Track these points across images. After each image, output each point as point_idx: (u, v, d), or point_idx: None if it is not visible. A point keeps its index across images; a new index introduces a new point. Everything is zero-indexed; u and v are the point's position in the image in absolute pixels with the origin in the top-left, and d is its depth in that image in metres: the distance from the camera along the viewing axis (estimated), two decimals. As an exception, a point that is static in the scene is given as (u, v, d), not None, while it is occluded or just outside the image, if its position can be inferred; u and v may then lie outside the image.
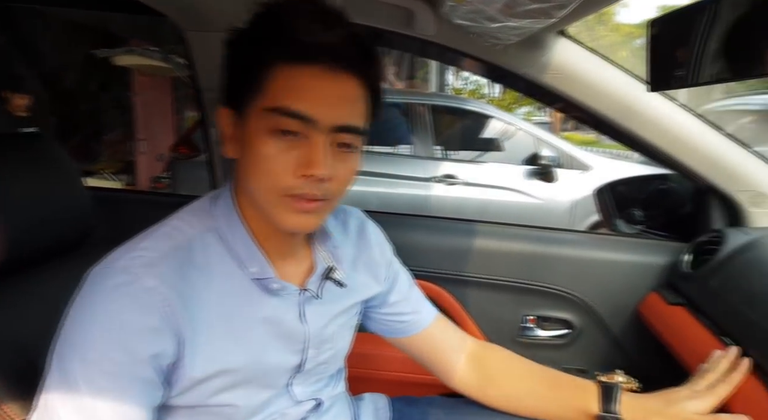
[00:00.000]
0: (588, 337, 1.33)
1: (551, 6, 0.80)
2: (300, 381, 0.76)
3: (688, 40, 0.69)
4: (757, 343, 0.84)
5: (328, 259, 0.76)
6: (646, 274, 1.28)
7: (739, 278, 1.00)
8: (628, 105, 1.14)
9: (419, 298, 0.94)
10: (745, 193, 1.16)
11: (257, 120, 0.62)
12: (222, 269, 0.67)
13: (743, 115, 4.20)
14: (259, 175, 0.63)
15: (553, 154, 4.12)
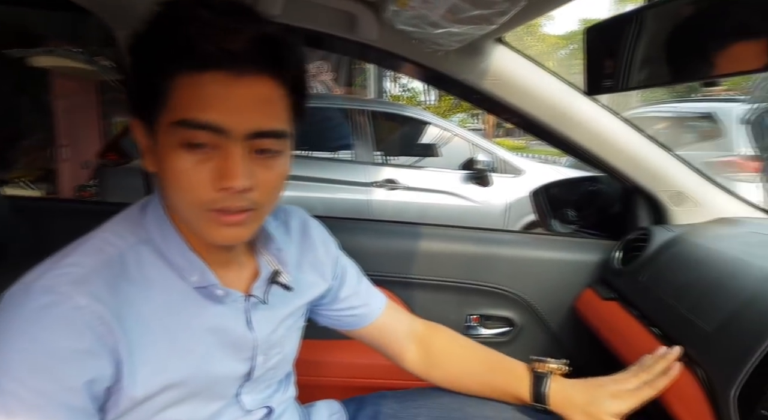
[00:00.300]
0: (528, 334, 1.38)
1: (492, 13, 0.82)
2: (249, 389, 0.74)
3: (618, 47, 0.73)
4: (684, 333, 0.90)
5: (272, 263, 0.75)
6: (580, 271, 1.34)
7: (665, 273, 1.07)
8: (562, 110, 1.20)
9: (369, 289, 0.95)
10: (667, 193, 1.25)
11: (166, 134, 0.58)
12: (160, 281, 0.64)
13: (657, 121, 4.56)
14: (177, 190, 0.59)
15: (488, 159, 4.28)
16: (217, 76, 0.56)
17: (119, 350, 0.58)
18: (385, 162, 4.41)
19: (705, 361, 0.83)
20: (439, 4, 0.86)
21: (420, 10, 0.91)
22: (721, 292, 0.89)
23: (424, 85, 20.56)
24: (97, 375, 0.56)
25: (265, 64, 0.58)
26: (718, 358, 0.80)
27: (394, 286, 1.34)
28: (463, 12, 0.84)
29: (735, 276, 0.90)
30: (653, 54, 0.72)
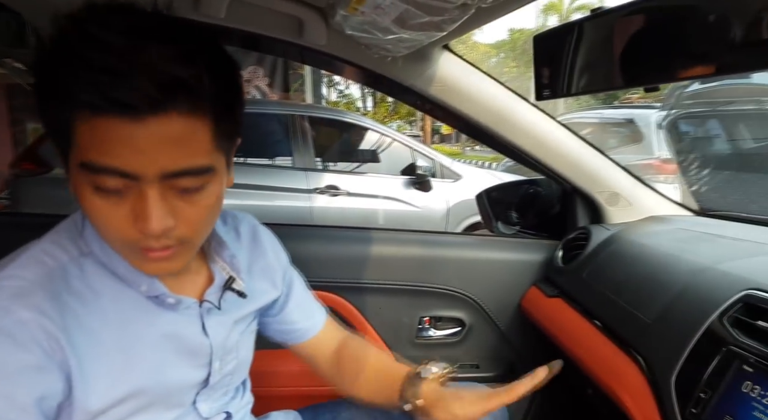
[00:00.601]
0: (478, 333, 1.41)
1: (443, 20, 0.84)
2: (205, 397, 0.73)
3: (563, 55, 0.77)
4: (626, 325, 0.96)
5: (226, 270, 0.74)
6: (525, 270, 1.39)
7: (605, 269, 1.14)
8: (505, 115, 1.24)
9: (312, 303, 0.94)
10: (603, 194, 1.32)
11: (77, 175, 0.53)
12: (108, 292, 0.62)
13: (582, 127, 4.85)
14: (100, 227, 0.56)
15: (428, 165, 4.37)
16: (114, 120, 0.49)
17: (69, 364, 0.56)
18: (325, 168, 4.39)
19: (645, 350, 0.88)
20: (390, 11, 0.87)
21: (371, 15, 0.91)
22: (656, 286, 0.95)
23: (361, 91, 20.71)
24: (47, 391, 0.54)
25: (171, 103, 0.51)
26: (658, 347, 0.86)
27: (347, 292, 1.33)
28: (414, 18, 0.86)
29: (668, 270, 0.97)
30: (596, 61, 0.77)
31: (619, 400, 0.89)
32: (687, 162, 3.83)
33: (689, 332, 0.80)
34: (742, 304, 0.76)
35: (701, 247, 1.01)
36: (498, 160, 13.99)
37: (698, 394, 0.73)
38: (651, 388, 0.83)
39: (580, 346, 1.07)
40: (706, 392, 0.73)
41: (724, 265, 0.87)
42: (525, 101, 1.25)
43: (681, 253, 0.99)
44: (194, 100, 0.52)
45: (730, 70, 0.69)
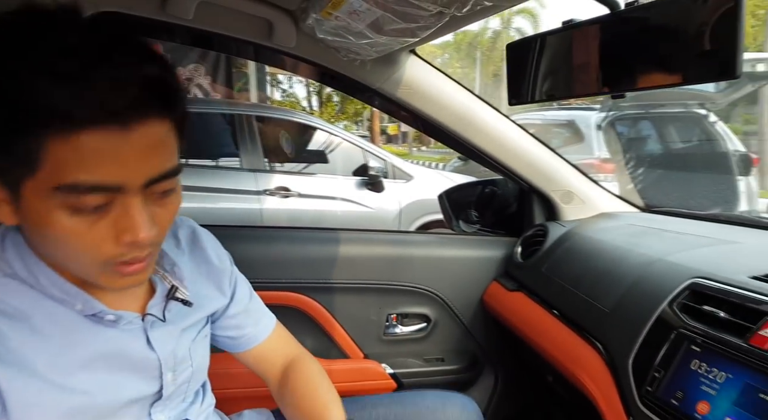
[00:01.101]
0: (443, 328, 1.46)
1: (417, 26, 0.88)
2: (161, 408, 0.70)
3: (532, 64, 0.83)
4: (585, 315, 1.03)
5: (167, 279, 0.70)
6: (486, 266, 1.46)
7: (562, 263, 1.21)
8: (467, 118, 1.30)
9: (259, 308, 0.90)
10: (558, 193, 1.41)
11: (45, 200, 0.49)
12: (39, 312, 0.58)
13: (526, 128, 5.04)
14: (70, 252, 0.53)
15: (380, 165, 4.39)
16: (101, 132, 0.48)
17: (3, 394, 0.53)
18: (274, 169, 4.32)
19: (604, 337, 0.96)
20: (366, 17, 0.89)
21: (345, 20, 0.93)
22: (611, 277, 1.03)
23: (306, 90, 20.51)
24: None
25: (151, 108, 0.51)
26: (615, 333, 0.93)
27: (315, 292, 1.34)
28: (389, 25, 0.89)
29: (621, 263, 1.05)
30: (565, 70, 0.83)
31: (580, 383, 0.96)
32: (624, 161, 4.09)
33: (643, 319, 0.87)
34: (690, 291, 0.84)
35: (649, 241, 1.10)
36: (445, 161, 14.29)
37: (653, 374, 0.81)
38: (610, 370, 0.90)
39: (542, 336, 1.14)
40: (660, 371, 0.80)
41: (671, 257, 0.96)
42: (486, 104, 1.31)
43: (632, 247, 1.08)
44: (166, 101, 0.53)
45: (680, 81, 0.77)
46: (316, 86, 20.30)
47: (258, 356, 0.88)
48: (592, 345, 0.97)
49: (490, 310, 1.42)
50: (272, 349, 0.89)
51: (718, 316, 0.77)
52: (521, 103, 0.88)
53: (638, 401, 0.81)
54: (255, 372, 0.90)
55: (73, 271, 0.58)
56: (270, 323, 0.90)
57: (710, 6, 0.70)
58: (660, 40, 0.76)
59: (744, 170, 3.95)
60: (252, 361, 0.89)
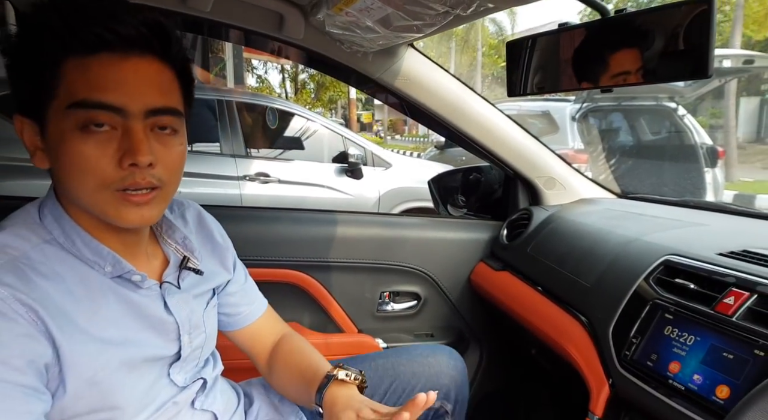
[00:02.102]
0: (432, 306, 1.55)
1: (423, 24, 0.95)
2: (178, 369, 0.78)
3: (529, 60, 0.91)
4: (569, 290, 1.13)
5: (179, 251, 0.79)
6: (474, 248, 1.55)
7: (546, 244, 1.31)
8: (459, 107, 1.38)
9: (254, 290, 0.98)
10: (541, 179, 1.51)
11: (62, 120, 0.59)
12: (74, 275, 0.65)
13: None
14: (81, 176, 0.61)
15: (359, 153, 4.44)
16: (106, 58, 0.59)
17: (52, 333, 0.60)
18: (252, 155, 4.31)
19: (587, 309, 1.06)
20: (375, 13, 0.96)
21: (354, 15, 0.99)
22: (592, 256, 1.14)
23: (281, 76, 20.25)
24: (37, 355, 0.59)
25: (150, 45, 0.62)
26: (597, 306, 1.03)
27: (313, 270, 1.41)
28: (398, 21, 0.95)
29: (601, 242, 1.16)
30: (558, 67, 0.91)
31: (565, 352, 1.06)
32: (598, 152, 4.25)
33: (622, 292, 0.98)
34: (664, 266, 0.95)
35: (627, 223, 1.20)
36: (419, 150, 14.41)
37: (630, 340, 0.91)
38: (592, 339, 1.01)
39: (528, 311, 1.24)
40: (637, 338, 0.90)
41: (647, 237, 1.06)
42: (477, 95, 1.40)
43: (612, 229, 1.18)
44: (167, 52, 0.64)
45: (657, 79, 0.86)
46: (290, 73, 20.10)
47: (250, 335, 0.96)
48: (576, 317, 1.07)
49: (477, 288, 1.52)
50: (263, 329, 0.97)
51: (689, 287, 0.87)
52: (518, 95, 0.96)
53: (617, 364, 0.91)
54: (244, 350, 0.97)
55: (87, 205, 0.64)
56: (263, 304, 0.98)
57: (684, 10, 0.79)
58: (641, 42, 0.85)
59: (711, 162, 4.16)
60: (244, 339, 0.96)
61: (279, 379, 0.94)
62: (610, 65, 0.90)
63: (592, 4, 0.86)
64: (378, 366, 1.05)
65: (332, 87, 19.67)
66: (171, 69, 0.65)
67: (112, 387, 0.66)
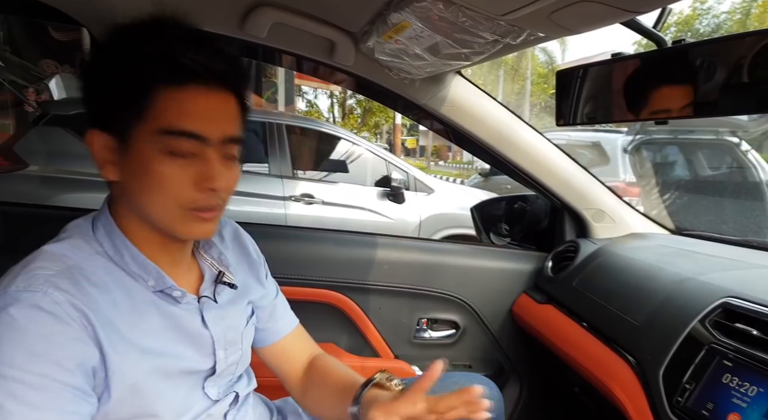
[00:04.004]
0: (471, 336, 1.52)
1: (472, 52, 0.95)
2: (213, 383, 0.79)
3: (579, 90, 0.90)
4: (616, 328, 1.08)
5: (215, 266, 0.81)
6: (516, 279, 1.51)
7: (594, 279, 1.26)
8: (506, 136, 1.36)
9: (284, 307, 0.98)
10: (590, 211, 1.46)
11: (149, 142, 0.63)
12: (120, 286, 0.68)
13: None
14: (160, 195, 0.65)
15: (402, 177, 4.47)
16: (194, 89, 0.64)
17: (100, 340, 0.63)
18: (296, 176, 4.40)
19: (635, 350, 1.01)
20: (424, 41, 0.97)
21: (404, 43, 1.01)
22: (643, 293, 1.08)
23: (330, 101, 20.78)
24: (86, 358, 0.61)
25: (230, 79, 0.68)
26: (646, 346, 0.98)
27: (351, 291, 1.41)
28: (446, 49, 0.96)
29: (653, 280, 1.10)
30: (608, 97, 0.89)
31: (610, 393, 1.01)
32: (651, 185, 4.09)
33: (675, 333, 0.92)
34: (722, 309, 0.89)
35: (681, 261, 1.14)
36: (463, 177, 14.34)
37: (684, 386, 0.86)
38: (640, 381, 0.95)
39: (572, 348, 1.19)
40: (691, 384, 0.85)
41: (703, 277, 1.00)
42: (525, 123, 1.38)
43: (664, 266, 1.13)
44: (240, 89, 0.70)
45: (718, 112, 0.83)
46: (338, 98, 20.60)
47: (279, 352, 0.96)
48: (623, 357, 1.02)
49: (519, 321, 1.47)
50: (293, 348, 0.97)
51: (751, 334, 0.82)
52: (567, 125, 0.94)
53: (669, 411, 0.85)
54: (274, 369, 0.96)
55: (157, 219, 0.68)
56: (292, 322, 0.99)
57: (749, 41, 0.76)
58: (701, 74, 0.82)
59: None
60: (273, 356, 0.96)
61: (315, 398, 0.92)
62: (666, 97, 0.87)
63: (649, 35, 0.84)
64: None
65: (378, 112, 19.97)
66: (238, 99, 0.70)
67: (151, 395, 0.68)
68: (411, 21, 0.89)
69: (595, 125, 3.83)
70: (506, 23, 0.83)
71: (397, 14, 0.89)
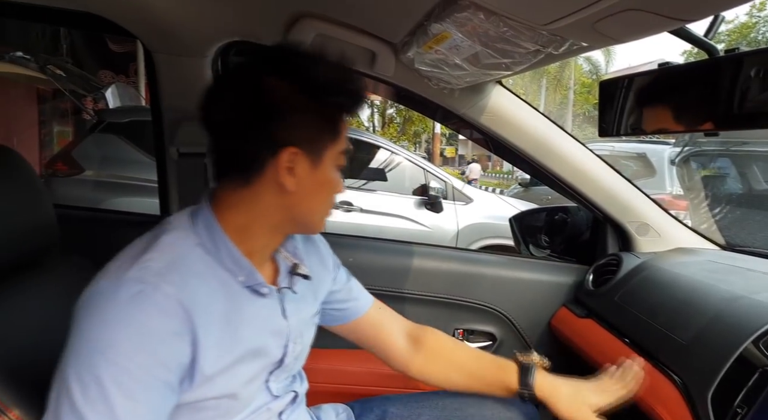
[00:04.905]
0: (508, 348, 1.49)
1: (513, 62, 0.94)
2: (275, 377, 0.82)
3: (623, 100, 0.88)
4: (661, 346, 1.04)
5: (288, 258, 0.85)
6: (555, 291, 1.48)
7: (637, 294, 1.22)
8: (548, 146, 1.34)
9: (358, 287, 1.04)
10: (634, 224, 1.42)
11: (332, 159, 0.76)
12: (215, 278, 0.72)
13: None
14: (328, 199, 0.78)
15: (440, 186, 4.45)
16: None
17: (196, 333, 0.66)
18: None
19: (682, 369, 0.96)
20: (465, 51, 0.97)
21: (444, 53, 1.01)
22: (690, 310, 1.04)
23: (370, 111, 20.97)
24: (181, 353, 0.64)
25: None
26: (694, 366, 0.94)
27: (388, 299, 1.40)
28: (487, 59, 0.96)
29: (701, 297, 1.06)
30: (654, 107, 0.87)
31: (654, 413, 0.97)
32: (700, 198, 3.92)
33: (725, 354, 0.88)
34: (777, 330, 0.85)
35: (733, 278, 1.09)
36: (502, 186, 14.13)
37: (735, 410, 0.81)
38: (686, 402, 0.91)
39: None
40: (742, 408, 0.81)
41: (758, 295, 0.96)
42: (566, 134, 1.36)
43: (714, 282, 1.08)
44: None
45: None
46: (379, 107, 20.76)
47: (370, 324, 1.03)
48: (668, 376, 0.98)
49: (558, 335, 1.44)
50: (383, 317, 1.05)
51: (807, 356, 0.77)
52: (611, 136, 0.92)
53: (718, 435, 0.82)
54: (369, 342, 1.04)
55: (312, 219, 0.79)
56: (369, 298, 1.05)
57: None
58: (756, 84, 0.79)
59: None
60: (366, 328, 1.03)
61: (443, 368, 1.04)
62: (717, 107, 0.84)
63: (700, 44, 0.81)
64: (446, 405, 1.03)
65: (418, 121, 20.00)
66: None
67: (232, 381, 0.72)
68: (451, 31, 0.89)
69: (640, 136, 3.72)
70: (548, 33, 0.82)
71: (438, 25, 0.89)
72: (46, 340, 0.81)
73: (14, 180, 0.80)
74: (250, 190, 0.74)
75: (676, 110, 0.86)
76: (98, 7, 1.13)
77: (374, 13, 1.06)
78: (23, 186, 0.81)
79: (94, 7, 1.13)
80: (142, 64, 5.96)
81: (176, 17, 1.13)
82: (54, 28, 5.27)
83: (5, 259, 0.77)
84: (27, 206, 0.81)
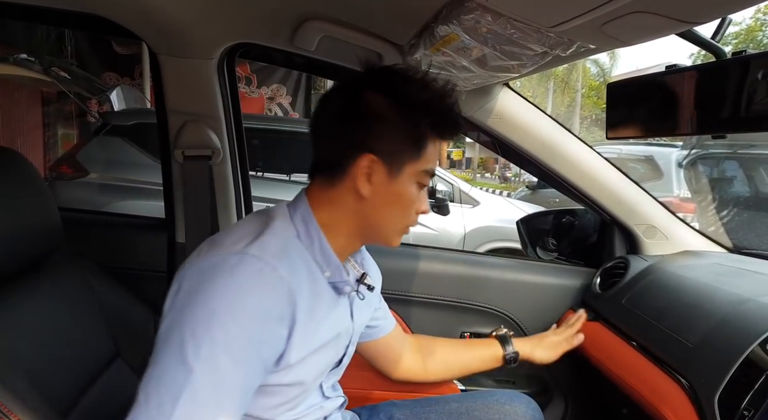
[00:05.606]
0: None
1: (520, 64, 0.95)
2: (328, 378, 0.86)
3: (631, 102, 0.88)
4: (668, 349, 1.03)
5: (356, 268, 0.89)
6: (563, 294, 1.47)
7: (644, 296, 1.22)
8: (555, 148, 1.34)
9: (386, 308, 1.10)
10: (641, 227, 1.41)
11: (411, 176, 0.77)
12: (307, 270, 0.75)
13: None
14: (402, 213, 0.79)
15: (447, 189, 4.45)
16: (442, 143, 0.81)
17: (295, 321, 0.68)
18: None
19: (689, 372, 0.96)
20: (471, 53, 0.97)
21: (451, 55, 1.02)
22: (697, 313, 1.03)
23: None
24: (281, 337, 0.68)
25: None
26: (701, 369, 0.93)
27: (394, 303, 1.41)
28: (494, 61, 0.96)
29: (708, 299, 1.05)
30: (662, 110, 0.87)
31: (661, 416, 0.96)
32: (707, 201, 3.90)
33: (732, 356, 0.88)
34: (784, 333, 0.84)
35: (740, 281, 1.09)
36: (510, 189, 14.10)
37: (742, 412, 0.81)
38: (694, 405, 0.91)
39: (620, 367, 1.15)
40: (749, 410, 0.80)
41: (765, 298, 0.95)
42: (574, 136, 1.35)
43: (720, 285, 1.08)
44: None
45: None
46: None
47: (386, 345, 1.10)
48: (675, 379, 0.98)
49: (565, 338, 1.43)
50: (396, 339, 1.12)
51: (816, 360, 0.77)
52: (618, 139, 0.92)
53: (725, 438, 0.81)
54: (376, 360, 1.12)
55: (383, 230, 0.81)
56: (392, 319, 1.12)
57: (817, 54, 0.73)
58: (763, 86, 0.79)
59: None
60: (379, 349, 1.10)
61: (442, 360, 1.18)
62: (725, 110, 0.84)
63: (707, 46, 0.81)
64: (453, 409, 1.06)
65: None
66: None
67: (305, 370, 0.75)
68: (459, 33, 0.90)
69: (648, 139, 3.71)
70: (556, 35, 0.82)
71: (445, 26, 0.90)
72: (50, 342, 0.82)
73: (19, 183, 0.80)
74: (334, 191, 0.77)
75: (683, 113, 0.86)
76: (104, 10, 1.14)
77: (381, 14, 1.07)
78: (28, 189, 0.82)
79: (101, 9, 1.14)
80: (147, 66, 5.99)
81: (182, 19, 1.14)
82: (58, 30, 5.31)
83: (10, 262, 0.78)
84: (31, 209, 0.82)
